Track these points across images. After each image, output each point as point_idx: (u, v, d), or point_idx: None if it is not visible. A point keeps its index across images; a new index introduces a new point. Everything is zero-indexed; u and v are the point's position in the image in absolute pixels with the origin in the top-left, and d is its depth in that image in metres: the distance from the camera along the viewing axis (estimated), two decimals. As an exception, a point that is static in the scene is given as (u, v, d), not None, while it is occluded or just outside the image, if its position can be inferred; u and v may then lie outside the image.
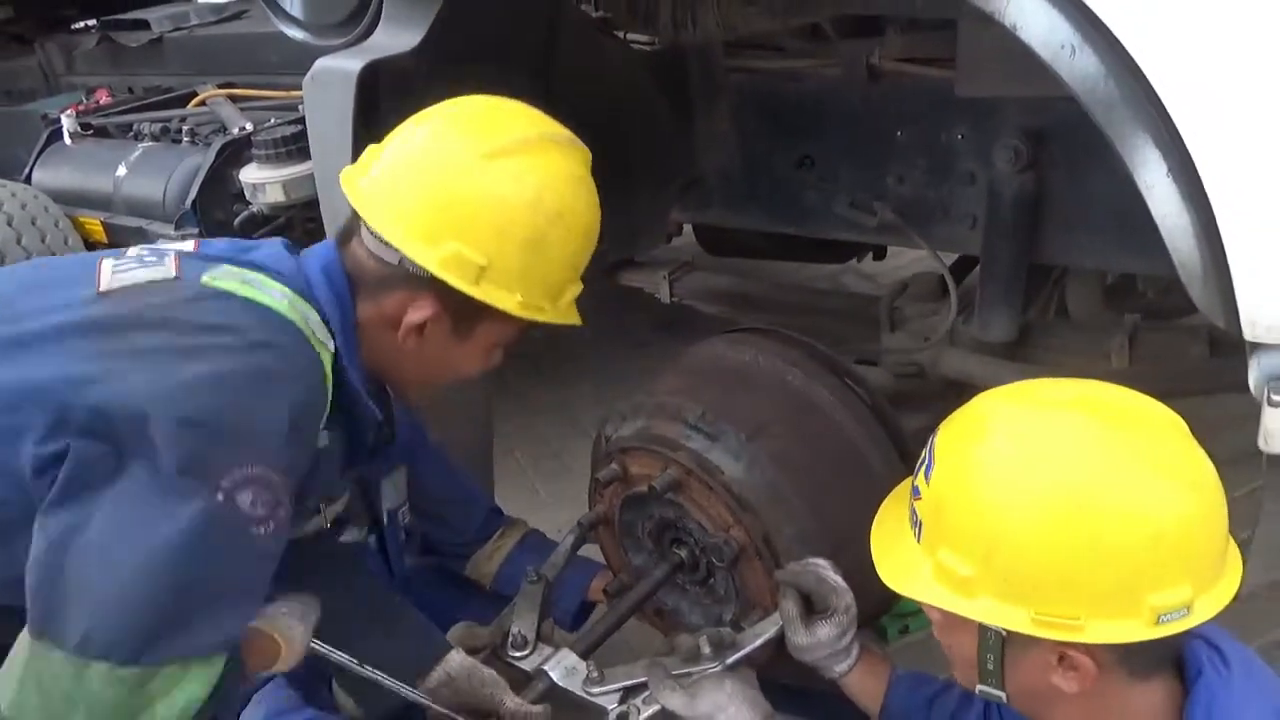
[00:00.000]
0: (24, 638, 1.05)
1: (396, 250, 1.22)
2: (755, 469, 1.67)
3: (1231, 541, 1.06)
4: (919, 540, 1.12)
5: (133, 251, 1.26)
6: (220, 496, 1.05)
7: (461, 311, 1.28)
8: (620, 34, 2.54)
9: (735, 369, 1.84)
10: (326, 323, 1.23)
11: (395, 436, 1.52)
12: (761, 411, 1.73)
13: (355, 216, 1.27)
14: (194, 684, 1.08)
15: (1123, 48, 1.01)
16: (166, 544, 1.02)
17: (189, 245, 1.28)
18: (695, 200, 2.69)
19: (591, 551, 2.03)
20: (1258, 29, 0.97)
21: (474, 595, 2.06)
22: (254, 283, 1.20)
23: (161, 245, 1.29)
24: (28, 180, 3.20)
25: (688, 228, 3.30)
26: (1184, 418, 1.07)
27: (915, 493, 1.14)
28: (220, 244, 1.31)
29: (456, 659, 1.55)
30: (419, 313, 1.26)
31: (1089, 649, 1.01)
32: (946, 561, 1.06)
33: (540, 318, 1.30)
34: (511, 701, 1.53)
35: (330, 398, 1.22)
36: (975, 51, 1.83)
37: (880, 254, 3.36)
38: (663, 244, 3.15)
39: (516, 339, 1.37)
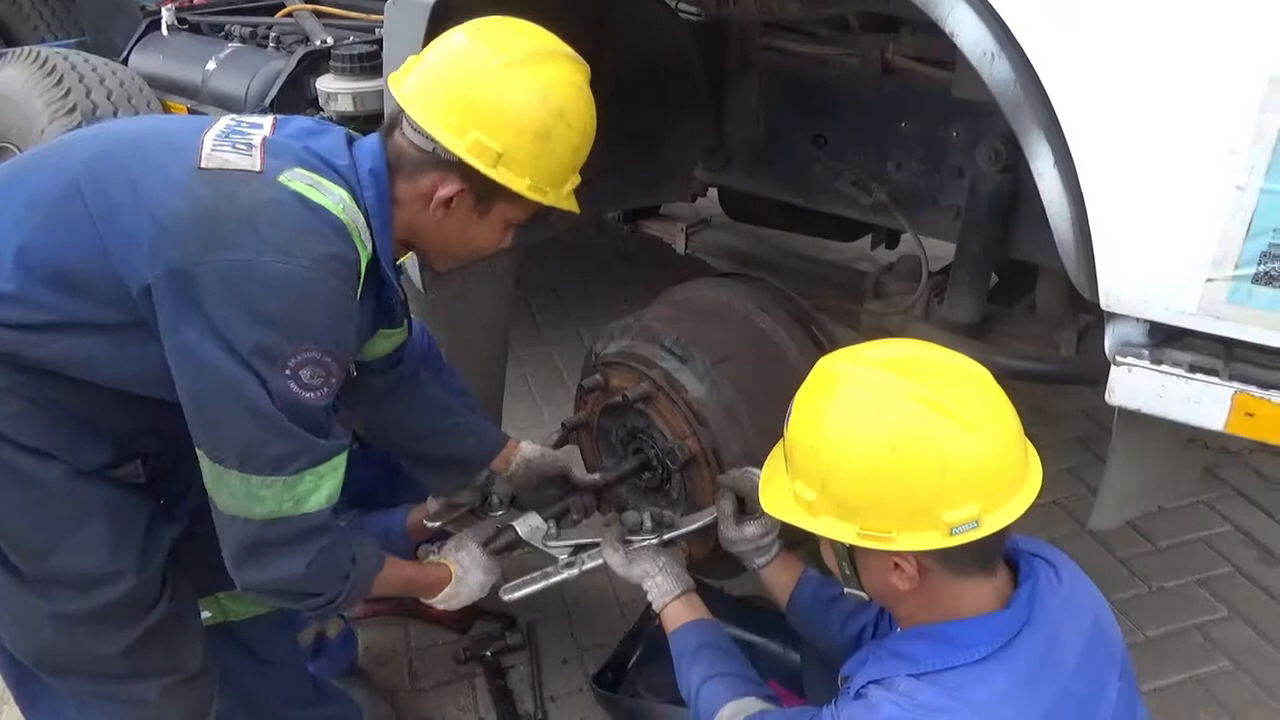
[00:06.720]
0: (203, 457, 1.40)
1: (431, 138, 1.47)
2: (715, 391, 1.92)
3: (1032, 466, 1.26)
4: (787, 472, 1.35)
5: (226, 125, 1.49)
6: (287, 372, 1.34)
7: (481, 190, 1.51)
8: (670, 1, 2.75)
9: (714, 306, 2.09)
10: (369, 220, 1.48)
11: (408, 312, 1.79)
12: (729, 344, 1.98)
13: (399, 112, 1.52)
14: (330, 481, 1.44)
15: (1027, 58, 1.24)
16: (257, 407, 1.34)
17: (269, 125, 1.52)
18: (718, 163, 2.91)
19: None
20: (1131, 56, 1.19)
21: None
22: (319, 186, 1.40)
23: (247, 123, 1.52)
24: (124, 62, 3.50)
25: (712, 191, 3.49)
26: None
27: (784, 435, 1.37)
28: (294, 128, 1.54)
29: (527, 447, 1.99)
30: (447, 189, 1.51)
31: (913, 556, 1.24)
32: (799, 489, 1.29)
33: (545, 200, 1.54)
34: (578, 471, 1.96)
35: (363, 284, 1.49)
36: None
37: (893, 242, 3.55)
38: (686, 201, 3.37)
39: (526, 219, 1.62)
